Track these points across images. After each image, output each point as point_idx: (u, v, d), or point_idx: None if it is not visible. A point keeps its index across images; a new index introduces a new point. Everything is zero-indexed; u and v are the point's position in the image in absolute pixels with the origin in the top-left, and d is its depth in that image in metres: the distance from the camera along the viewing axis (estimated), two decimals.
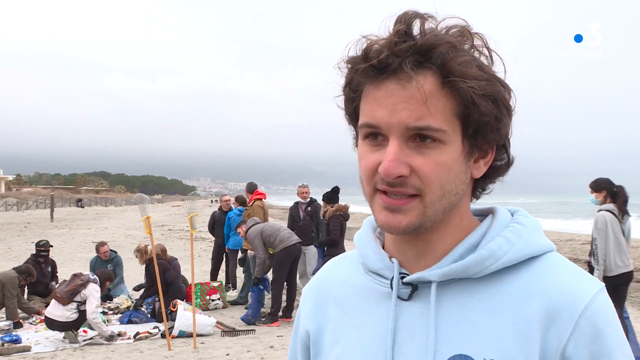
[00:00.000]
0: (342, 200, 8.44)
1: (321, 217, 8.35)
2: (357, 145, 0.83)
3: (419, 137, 0.73)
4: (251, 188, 9.34)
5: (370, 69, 0.74)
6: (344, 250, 7.98)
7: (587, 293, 0.74)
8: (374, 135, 0.76)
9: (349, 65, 0.78)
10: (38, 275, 8.64)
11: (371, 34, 0.76)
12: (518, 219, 0.83)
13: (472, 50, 0.75)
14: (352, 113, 0.81)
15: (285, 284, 7.90)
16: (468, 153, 0.77)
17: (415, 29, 0.73)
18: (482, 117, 0.74)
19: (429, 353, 0.76)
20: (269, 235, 7.70)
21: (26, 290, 8.76)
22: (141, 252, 8.28)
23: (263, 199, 9.31)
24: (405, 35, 0.73)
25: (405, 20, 0.73)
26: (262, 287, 7.78)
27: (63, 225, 29.71)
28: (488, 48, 0.77)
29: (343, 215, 8.14)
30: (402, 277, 0.82)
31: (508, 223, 0.82)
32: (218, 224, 10.08)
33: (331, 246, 8.00)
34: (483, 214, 0.87)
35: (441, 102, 0.72)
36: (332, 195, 8.32)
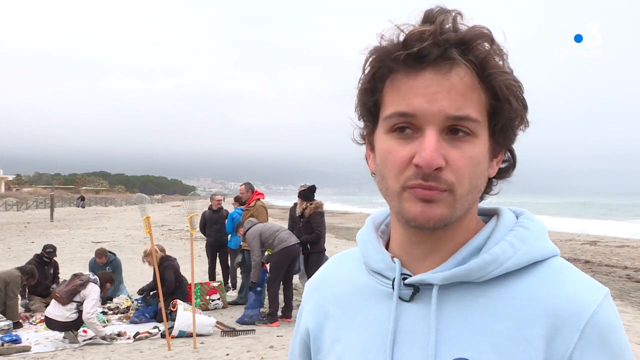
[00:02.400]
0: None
1: (298, 215, 8.41)
2: (365, 141, 0.82)
3: (452, 131, 0.73)
4: (252, 187, 9.34)
5: (408, 57, 0.73)
6: (323, 247, 8.17)
7: (593, 300, 0.74)
8: (401, 129, 0.74)
9: (376, 55, 0.76)
10: (40, 277, 8.63)
11: (402, 23, 0.75)
12: (523, 222, 0.82)
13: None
14: (372, 106, 0.78)
15: (282, 284, 7.92)
16: (491, 150, 0.78)
17: (449, 24, 0.74)
18: (511, 113, 0.75)
19: (429, 355, 0.76)
20: (267, 237, 7.73)
21: (27, 290, 8.75)
22: (151, 255, 8.17)
23: (262, 199, 9.31)
24: (440, 25, 0.73)
25: (440, 14, 0.74)
26: (259, 289, 7.79)
27: (63, 225, 29.70)
28: (506, 54, 0.77)
29: (321, 212, 8.25)
30: (404, 278, 0.81)
31: (513, 226, 0.81)
32: (209, 223, 10.01)
33: (314, 243, 8.08)
34: (487, 214, 0.87)
35: (477, 94, 0.73)
36: (309, 194, 8.41)
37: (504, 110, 0.75)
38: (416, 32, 0.73)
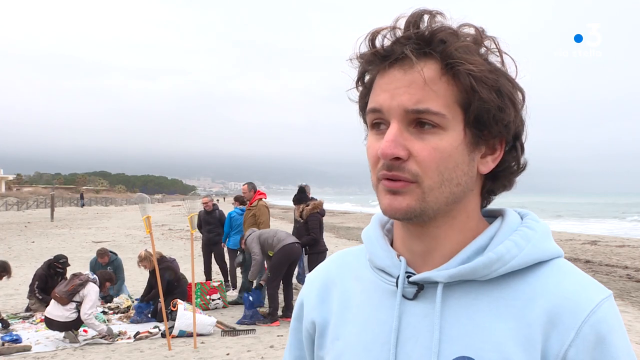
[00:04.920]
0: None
1: (297, 218, 8.38)
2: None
3: (419, 124, 0.74)
4: (254, 187, 9.35)
5: (375, 57, 0.76)
6: (324, 247, 8.14)
7: (592, 299, 0.74)
8: (378, 125, 0.78)
9: (360, 59, 0.80)
10: (48, 282, 8.59)
11: (380, 27, 0.78)
12: (527, 223, 0.82)
13: (487, 52, 0.76)
14: (363, 107, 0.82)
15: (281, 283, 7.92)
16: (471, 143, 0.76)
17: (423, 24, 0.75)
18: (482, 104, 0.74)
19: (432, 353, 0.76)
20: (266, 238, 7.72)
21: (35, 290, 8.63)
22: (148, 259, 8.15)
23: (264, 199, 9.32)
24: (412, 26, 0.75)
25: (414, 15, 0.76)
26: (250, 298, 7.76)
27: (63, 224, 29.70)
28: (500, 50, 0.77)
29: (320, 212, 8.20)
30: (409, 276, 0.81)
31: (517, 227, 0.81)
32: (203, 224, 10.31)
33: (312, 244, 8.06)
34: (492, 215, 0.87)
35: (442, 87, 0.74)
36: (301, 196, 8.41)
37: (473, 101, 0.74)
38: (376, 32, 0.77)
